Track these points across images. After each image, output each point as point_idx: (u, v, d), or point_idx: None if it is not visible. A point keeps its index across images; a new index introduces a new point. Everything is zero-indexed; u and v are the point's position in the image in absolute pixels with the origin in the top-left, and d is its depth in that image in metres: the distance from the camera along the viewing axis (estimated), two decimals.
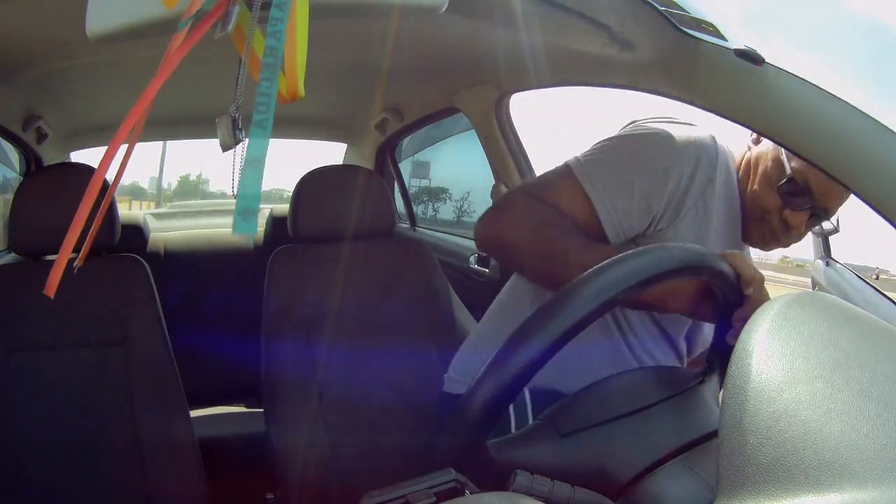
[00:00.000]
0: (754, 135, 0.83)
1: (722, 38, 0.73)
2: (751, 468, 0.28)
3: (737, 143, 0.85)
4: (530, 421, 0.56)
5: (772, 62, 0.70)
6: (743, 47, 0.71)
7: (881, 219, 0.62)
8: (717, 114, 0.77)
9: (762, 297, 0.60)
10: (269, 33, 0.41)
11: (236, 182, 0.44)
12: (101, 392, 1.06)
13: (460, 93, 1.45)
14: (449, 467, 0.38)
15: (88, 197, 0.43)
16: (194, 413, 1.21)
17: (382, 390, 1.13)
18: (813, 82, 0.68)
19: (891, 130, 0.63)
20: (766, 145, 0.81)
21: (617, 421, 0.48)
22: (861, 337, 0.35)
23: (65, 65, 1.18)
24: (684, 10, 0.72)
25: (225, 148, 0.45)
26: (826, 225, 0.81)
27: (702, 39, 0.74)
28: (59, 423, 1.04)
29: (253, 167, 0.41)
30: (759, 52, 0.70)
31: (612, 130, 0.83)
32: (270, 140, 0.42)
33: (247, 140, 0.44)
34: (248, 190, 0.41)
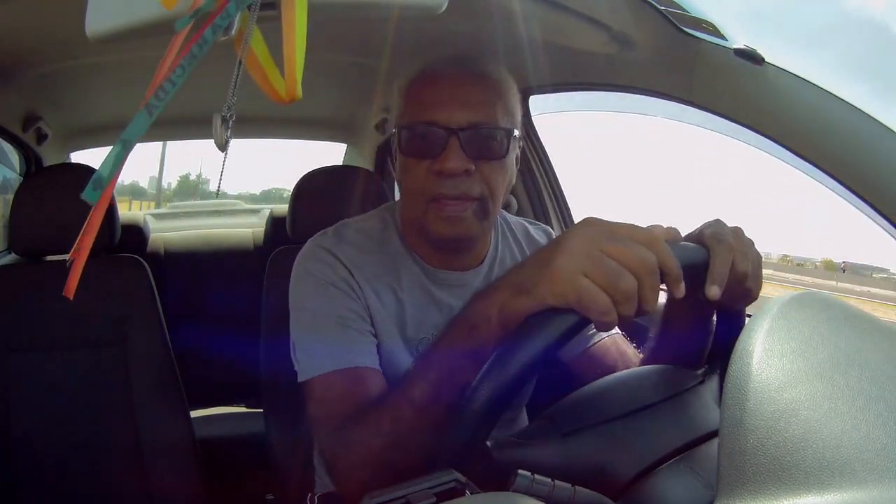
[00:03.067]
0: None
1: (722, 37, 0.73)
2: (751, 468, 0.28)
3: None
4: None
5: (772, 62, 0.70)
6: (743, 47, 0.71)
7: (882, 218, 0.62)
8: (717, 114, 0.77)
9: (725, 252, 0.50)
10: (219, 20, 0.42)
11: (220, 181, 0.44)
12: (101, 392, 1.06)
13: None
14: (449, 467, 0.38)
15: (103, 201, 0.43)
16: (194, 413, 1.21)
17: None
18: (813, 82, 0.69)
19: (890, 130, 0.63)
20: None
21: (618, 420, 0.48)
22: (861, 337, 0.35)
23: (65, 65, 1.18)
24: (684, 10, 0.72)
25: (220, 147, 0.45)
26: None
27: (702, 39, 0.74)
28: (59, 423, 1.04)
29: (122, 146, 0.42)
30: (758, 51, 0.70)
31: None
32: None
33: (231, 139, 0.44)
34: (107, 164, 0.42)
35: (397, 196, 0.82)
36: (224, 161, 0.46)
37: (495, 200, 0.72)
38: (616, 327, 0.83)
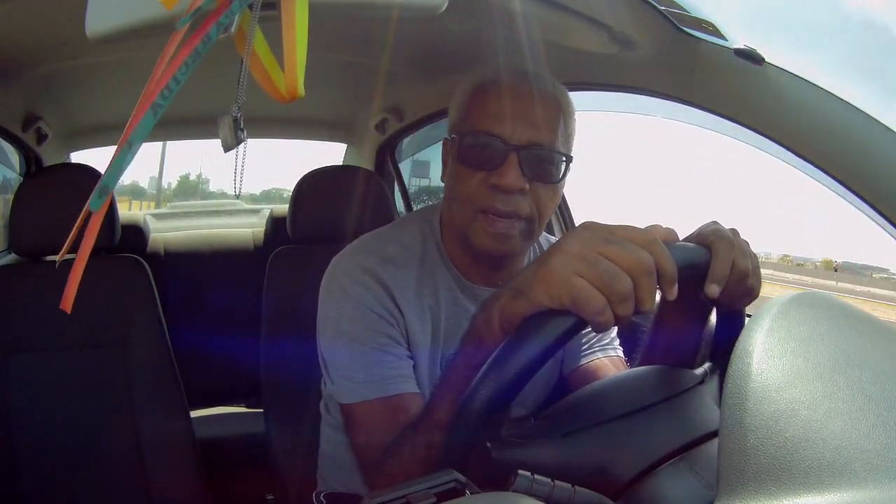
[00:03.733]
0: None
1: (722, 37, 0.73)
2: (751, 468, 0.28)
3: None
4: None
5: (772, 62, 0.70)
6: (743, 47, 0.71)
7: (881, 218, 0.62)
8: (717, 114, 0.77)
9: (726, 251, 0.50)
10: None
11: (239, 181, 0.44)
12: (101, 392, 1.06)
13: None
14: (449, 467, 0.38)
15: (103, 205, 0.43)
16: (194, 413, 1.21)
17: None
18: (813, 82, 0.69)
19: (890, 130, 0.64)
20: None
21: (617, 421, 0.48)
22: (861, 337, 0.35)
23: (65, 65, 1.18)
24: (684, 10, 0.72)
25: (227, 148, 0.45)
26: None
27: (702, 39, 0.74)
28: (59, 423, 1.04)
29: (129, 147, 0.42)
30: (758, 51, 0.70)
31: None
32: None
33: (247, 139, 0.44)
34: (114, 169, 0.42)
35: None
36: (243, 160, 0.46)
37: (542, 222, 0.72)
38: (618, 344, 0.84)
